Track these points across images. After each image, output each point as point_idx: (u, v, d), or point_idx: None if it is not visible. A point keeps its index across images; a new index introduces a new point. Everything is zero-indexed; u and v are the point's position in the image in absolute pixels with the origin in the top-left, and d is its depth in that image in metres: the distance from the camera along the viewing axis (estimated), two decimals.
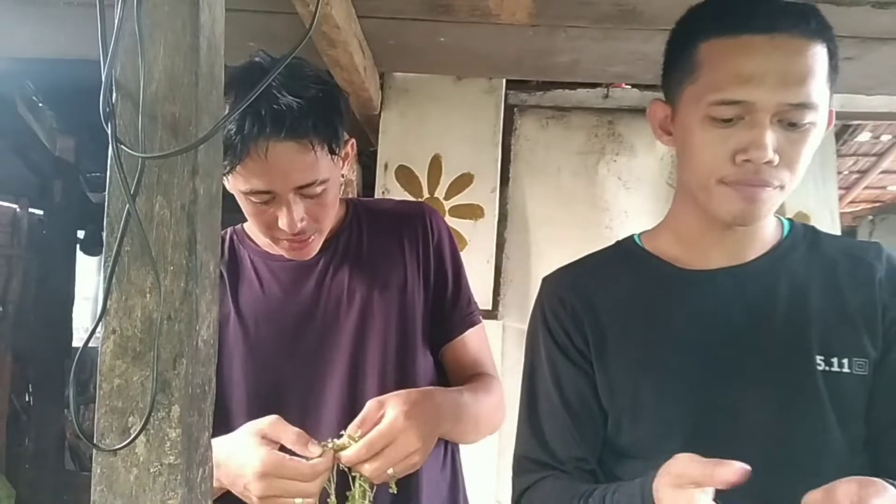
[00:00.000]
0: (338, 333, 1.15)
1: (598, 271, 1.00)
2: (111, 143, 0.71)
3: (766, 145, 0.79)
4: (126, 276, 0.71)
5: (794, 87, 0.79)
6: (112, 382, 0.71)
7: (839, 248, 0.92)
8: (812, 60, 0.79)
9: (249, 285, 1.18)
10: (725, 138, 0.82)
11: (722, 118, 0.81)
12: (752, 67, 0.79)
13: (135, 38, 0.72)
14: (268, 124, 0.98)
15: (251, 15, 1.85)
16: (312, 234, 1.10)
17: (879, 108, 2.85)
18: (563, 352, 0.96)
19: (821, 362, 0.85)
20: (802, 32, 0.80)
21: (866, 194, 6.03)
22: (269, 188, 1.02)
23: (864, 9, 1.71)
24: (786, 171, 0.82)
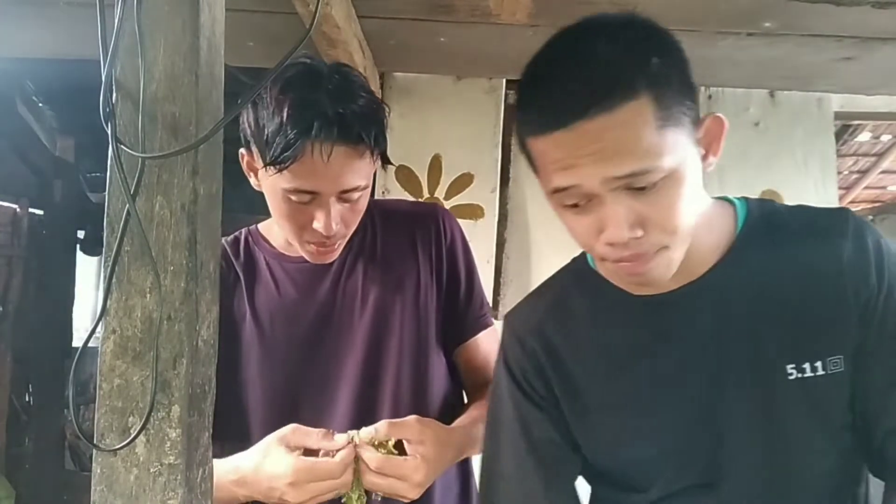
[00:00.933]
0: (353, 334, 1.16)
1: (556, 306, 0.94)
2: (111, 143, 0.71)
3: (618, 223, 0.73)
4: (126, 276, 0.71)
5: (614, 161, 0.71)
6: (112, 382, 0.71)
7: (802, 230, 0.84)
8: (625, 129, 0.71)
9: (265, 287, 1.19)
10: (584, 223, 0.77)
11: (568, 205, 0.77)
12: (563, 159, 0.74)
13: (135, 38, 0.72)
14: (335, 129, 0.99)
15: (251, 15, 1.85)
16: (340, 239, 1.11)
17: (879, 108, 2.85)
18: (528, 397, 0.92)
19: (792, 371, 0.80)
20: (605, 108, 0.71)
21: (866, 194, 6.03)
22: (315, 189, 1.03)
23: (864, 9, 1.72)
24: (660, 234, 0.75)
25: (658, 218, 0.74)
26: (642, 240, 0.74)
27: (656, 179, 0.72)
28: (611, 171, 0.72)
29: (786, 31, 1.92)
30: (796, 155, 2.74)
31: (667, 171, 0.72)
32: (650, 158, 0.71)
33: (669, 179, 0.73)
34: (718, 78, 2.50)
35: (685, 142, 0.75)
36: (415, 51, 2.27)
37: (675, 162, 0.73)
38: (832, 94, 2.72)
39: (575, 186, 0.74)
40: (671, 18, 0.94)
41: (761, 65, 2.22)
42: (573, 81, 0.73)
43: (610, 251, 0.76)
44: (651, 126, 0.71)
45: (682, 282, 0.84)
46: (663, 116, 0.72)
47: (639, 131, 0.71)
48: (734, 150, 2.72)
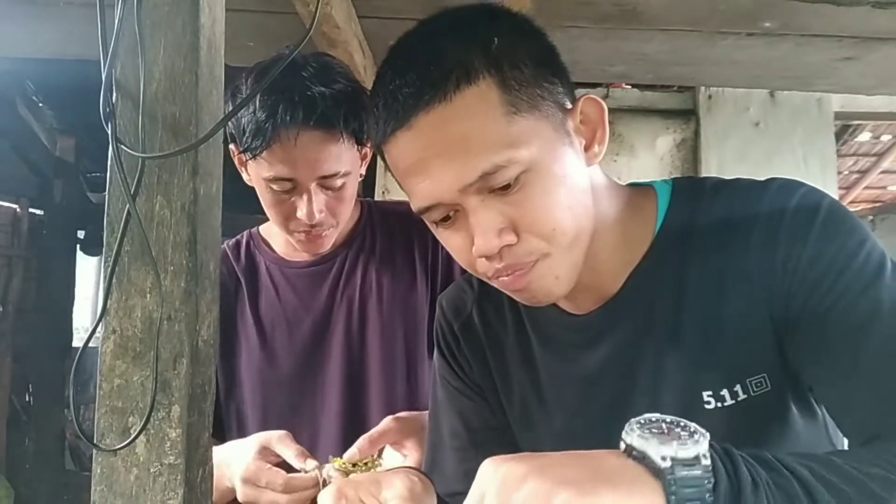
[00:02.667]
0: (348, 342, 1.17)
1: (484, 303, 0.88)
2: (111, 143, 0.71)
3: (485, 230, 0.65)
4: (126, 276, 0.71)
5: (461, 165, 0.64)
6: (112, 382, 0.71)
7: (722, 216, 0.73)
8: (466, 120, 0.64)
9: (266, 293, 1.20)
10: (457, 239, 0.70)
11: (435, 221, 0.71)
12: (411, 167, 0.68)
13: (135, 38, 0.72)
14: (300, 112, 0.99)
15: (251, 15, 1.85)
16: (328, 229, 1.11)
17: (879, 108, 2.86)
18: (463, 383, 0.89)
19: (709, 399, 0.71)
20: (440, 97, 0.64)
21: (866, 194, 6.03)
22: (293, 175, 1.03)
23: (864, 9, 1.72)
24: (534, 240, 0.67)
25: (529, 221, 0.66)
26: (516, 248, 0.67)
27: (515, 174, 0.64)
28: (463, 178, 0.64)
29: (786, 31, 1.92)
30: (796, 155, 2.74)
31: (527, 164, 0.64)
32: (501, 151, 0.64)
33: (533, 175, 0.65)
34: (718, 78, 2.50)
35: (548, 130, 0.67)
36: None
37: (535, 154, 0.65)
38: (832, 94, 2.72)
39: (435, 205, 0.68)
40: (671, 18, 0.94)
41: (761, 65, 2.22)
42: (409, 74, 0.66)
43: (486, 266, 0.69)
44: (497, 113, 0.64)
45: (601, 298, 0.77)
46: (512, 102, 0.65)
47: (483, 120, 0.64)
48: (734, 150, 2.72)
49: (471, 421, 0.89)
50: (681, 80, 2.57)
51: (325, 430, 1.14)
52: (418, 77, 0.65)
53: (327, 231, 1.11)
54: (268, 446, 1.00)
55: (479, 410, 0.89)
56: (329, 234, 1.12)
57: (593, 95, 0.71)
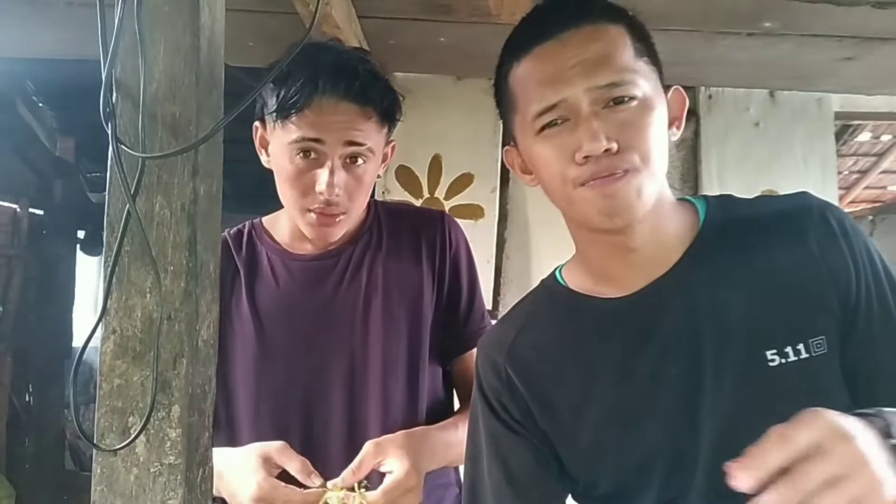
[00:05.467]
0: (350, 340, 1.15)
1: (528, 327, 0.93)
2: (111, 143, 0.71)
3: (595, 134, 0.77)
4: (126, 276, 0.71)
5: (597, 70, 0.78)
6: (112, 382, 0.71)
7: (765, 217, 0.84)
8: (607, 43, 0.79)
9: (266, 282, 1.18)
10: (560, 145, 0.80)
11: (546, 124, 0.81)
12: (550, 70, 0.80)
13: (135, 38, 0.72)
14: (342, 82, 1.04)
15: (251, 15, 1.85)
16: (342, 214, 1.10)
17: (879, 108, 2.85)
18: (505, 424, 0.91)
19: (774, 357, 0.78)
20: (590, 22, 0.80)
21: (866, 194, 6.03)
22: (321, 137, 1.04)
23: (864, 9, 1.72)
24: (632, 154, 0.78)
25: (630, 137, 0.78)
26: (614, 157, 0.77)
27: (627, 96, 0.78)
28: (595, 80, 0.77)
29: (786, 31, 1.92)
30: (796, 155, 2.74)
31: (642, 95, 0.79)
32: (630, 74, 0.78)
33: (644, 105, 0.79)
34: (718, 78, 2.50)
35: (656, 83, 0.81)
36: (415, 51, 2.27)
37: (648, 90, 0.79)
38: (832, 94, 2.72)
39: (560, 102, 0.79)
40: (671, 18, 0.94)
41: (761, 65, 2.22)
42: (562, 6, 0.82)
43: (583, 170, 0.79)
44: (630, 50, 0.80)
45: (648, 279, 0.84)
46: (639, 49, 0.81)
47: (620, 48, 0.79)
48: (734, 150, 2.72)
49: (509, 461, 0.90)
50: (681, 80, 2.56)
51: (319, 426, 1.13)
52: (570, 7, 0.81)
53: (341, 217, 1.10)
54: (269, 459, 1.00)
55: (518, 450, 0.90)
56: (342, 222, 1.11)
57: (680, 88, 0.86)
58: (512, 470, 0.90)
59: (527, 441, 0.89)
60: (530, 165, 0.87)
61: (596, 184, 0.79)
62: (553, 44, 0.80)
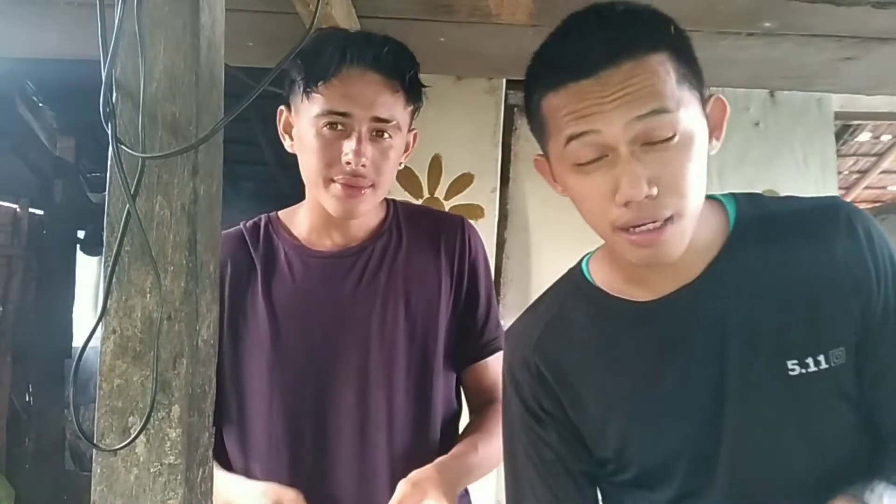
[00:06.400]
0: (365, 341, 1.14)
1: (555, 321, 0.94)
2: (111, 143, 0.71)
3: (635, 178, 0.73)
4: (126, 276, 0.71)
5: (636, 103, 0.74)
6: (112, 382, 0.71)
7: (794, 222, 0.84)
8: (648, 76, 0.75)
9: (282, 278, 1.16)
10: (599, 184, 0.77)
11: (581, 162, 0.78)
12: (585, 109, 0.76)
13: (135, 38, 0.72)
14: (369, 53, 1.05)
15: (251, 15, 1.85)
16: (368, 187, 1.08)
17: (879, 108, 2.86)
18: (535, 417, 0.92)
19: (794, 367, 0.79)
20: (630, 57, 0.75)
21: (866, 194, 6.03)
22: (348, 110, 1.04)
23: (864, 9, 1.71)
24: (673, 198, 0.75)
25: (672, 179, 0.75)
26: (655, 202, 0.75)
27: (675, 128, 0.74)
28: (633, 112, 0.74)
29: (786, 31, 1.92)
30: (796, 155, 2.74)
31: (682, 126, 0.75)
32: (671, 103, 0.74)
33: (684, 140, 0.75)
34: (718, 78, 2.50)
35: (697, 110, 0.78)
36: (415, 51, 2.27)
37: (689, 121, 0.76)
38: (832, 94, 2.72)
39: (593, 132, 0.76)
40: None
41: (761, 65, 2.22)
42: (599, 35, 0.77)
43: (623, 213, 0.76)
44: (672, 77, 0.76)
45: (680, 283, 0.84)
46: (682, 73, 0.77)
47: (662, 77, 0.75)
48: (734, 150, 2.72)
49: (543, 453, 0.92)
50: None
51: (331, 427, 1.12)
52: (610, 39, 0.76)
53: (366, 190, 1.08)
54: None
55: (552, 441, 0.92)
56: (367, 196, 1.09)
57: (722, 97, 0.83)
58: (546, 461, 0.92)
59: (558, 433, 0.92)
60: (565, 190, 0.86)
61: (636, 238, 0.77)
62: (590, 83, 0.75)
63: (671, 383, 0.84)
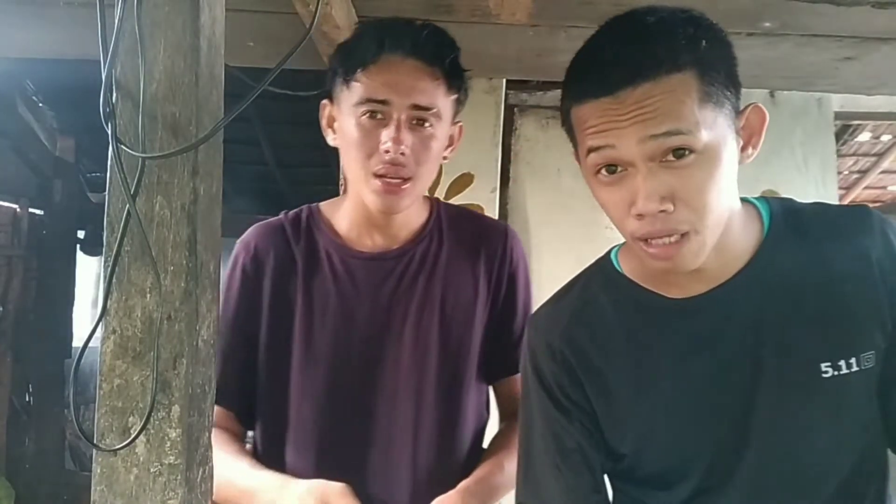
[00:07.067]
0: (396, 348, 1.12)
1: (584, 309, 0.93)
2: (111, 143, 0.71)
3: (650, 193, 0.75)
4: (126, 276, 0.71)
5: (653, 123, 0.74)
6: (112, 382, 0.71)
7: (827, 228, 0.86)
8: (668, 96, 0.75)
9: (322, 277, 1.14)
10: (617, 195, 0.79)
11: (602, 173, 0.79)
12: (604, 123, 0.77)
13: (135, 38, 0.72)
14: (407, 41, 1.04)
15: (251, 15, 1.85)
16: (408, 180, 1.06)
17: (879, 108, 2.85)
18: (557, 405, 0.91)
19: (827, 369, 0.80)
20: (652, 77, 0.75)
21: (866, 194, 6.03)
22: (386, 97, 1.03)
23: (864, 9, 1.71)
24: (689, 213, 0.76)
25: (688, 195, 0.75)
26: (671, 216, 0.76)
27: (693, 146, 0.74)
28: (648, 131, 0.74)
29: (786, 31, 1.92)
30: (796, 155, 2.74)
31: (703, 145, 0.75)
32: (688, 124, 0.74)
33: (704, 157, 0.75)
34: None
35: (724, 125, 0.78)
36: None
37: (712, 139, 0.75)
38: (832, 94, 2.72)
39: (609, 147, 0.77)
40: None
41: (761, 65, 2.22)
42: (623, 54, 0.77)
43: (639, 226, 0.78)
44: (693, 98, 0.75)
45: (712, 284, 0.85)
46: (706, 92, 0.76)
47: (680, 98, 0.75)
48: None
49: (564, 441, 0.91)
50: None
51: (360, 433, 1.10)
52: (631, 58, 0.76)
53: (406, 184, 1.06)
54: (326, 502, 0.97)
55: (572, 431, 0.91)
56: (407, 190, 1.06)
57: (760, 105, 0.84)
58: (566, 450, 0.91)
59: (580, 422, 0.91)
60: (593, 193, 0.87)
61: (653, 250, 0.78)
62: (609, 100, 0.76)
63: (700, 381, 0.85)
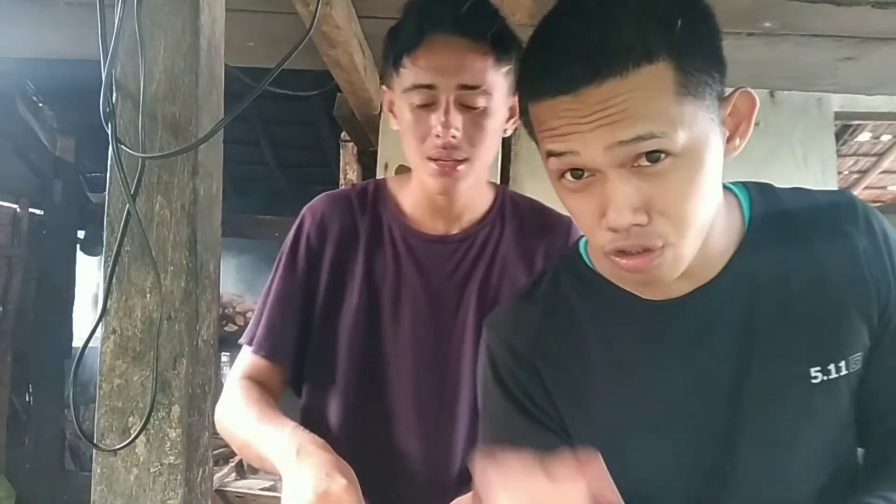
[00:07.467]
0: (451, 333, 1.11)
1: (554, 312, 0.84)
2: (111, 143, 0.71)
3: (621, 205, 0.65)
4: (126, 276, 0.71)
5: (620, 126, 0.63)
6: (112, 382, 0.71)
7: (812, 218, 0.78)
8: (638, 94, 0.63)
9: (383, 254, 1.13)
10: (584, 203, 0.69)
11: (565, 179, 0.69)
12: (562, 127, 0.66)
13: (135, 38, 0.72)
14: (448, 18, 1.00)
15: (251, 15, 1.85)
16: (462, 161, 1.04)
17: (879, 108, 2.85)
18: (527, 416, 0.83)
19: (817, 374, 0.75)
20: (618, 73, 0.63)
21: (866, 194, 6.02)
22: (432, 82, 1.01)
23: (864, 9, 1.72)
24: (665, 225, 0.66)
25: (666, 204, 0.65)
26: (646, 229, 0.66)
27: (667, 149, 0.63)
28: (615, 136, 0.63)
29: (786, 31, 1.92)
30: (796, 155, 2.74)
31: (680, 147, 0.64)
32: (662, 125, 0.63)
33: (682, 160, 0.65)
34: None
35: (706, 119, 0.66)
36: None
37: (691, 139, 0.64)
38: (832, 94, 2.72)
39: (571, 153, 0.66)
40: None
41: (761, 65, 2.22)
42: (583, 42, 0.64)
43: (610, 239, 0.68)
44: (668, 93, 0.63)
45: (694, 284, 0.77)
46: (684, 84, 0.64)
47: (653, 96, 0.63)
48: None
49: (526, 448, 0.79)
50: None
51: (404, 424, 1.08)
52: (593, 48, 0.63)
53: (462, 166, 1.04)
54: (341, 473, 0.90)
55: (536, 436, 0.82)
56: (463, 171, 1.04)
57: (750, 90, 0.71)
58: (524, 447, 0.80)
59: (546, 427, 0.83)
60: None
61: (625, 262, 0.69)
62: (568, 100, 0.64)
63: (682, 390, 0.78)
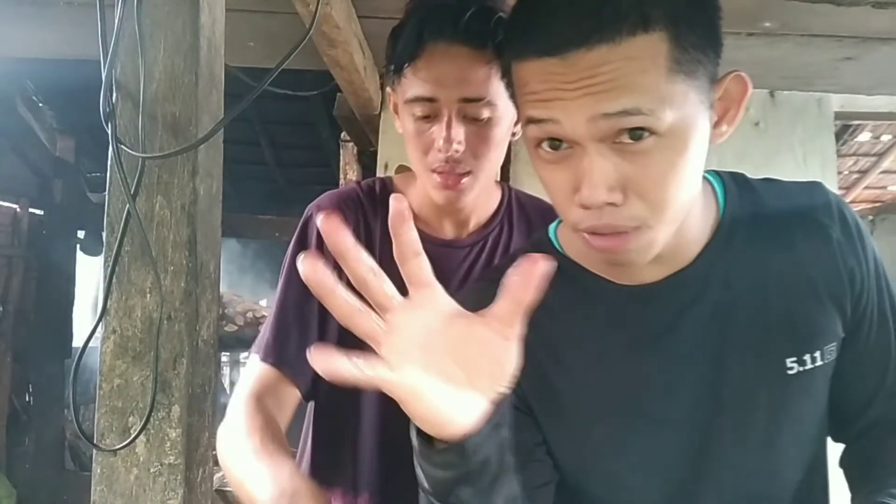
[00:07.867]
0: None
1: None
2: (111, 143, 0.71)
3: (596, 181, 0.61)
4: (126, 276, 0.72)
5: (606, 96, 0.59)
6: (112, 382, 0.71)
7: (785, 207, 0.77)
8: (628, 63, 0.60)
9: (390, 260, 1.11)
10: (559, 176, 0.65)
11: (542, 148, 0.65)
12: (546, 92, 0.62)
13: (135, 38, 0.72)
14: (448, 25, 0.96)
15: (251, 15, 1.85)
16: (467, 173, 1.01)
17: (879, 108, 2.85)
18: None
19: (793, 365, 0.73)
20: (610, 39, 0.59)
21: (866, 194, 6.02)
22: (433, 95, 0.97)
23: (864, 9, 1.71)
24: (641, 207, 0.63)
25: (644, 186, 0.62)
26: (620, 210, 0.63)
27: (652, 127, 0.60)
28: (600, 107, 0.60)
29: (786, 31, 1.92)
30: (796, 155, 2.74)
31: (666, 127, 0.61)
32: (650, 101, 0.60)
33: (667, 141, 0.62)
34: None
35: (695, 100, 0.63)
36: None
37: (678, 120, 0.61)
38: (832, 94, 2.72)
39: (552, 121, 0.63)
40: None
41: (761, 65, 2.22)
42: (577, 2, 0.61)
43: (582, 217, 0.65)
44: (660, 67, 0.60)
45: (667, 271, 0.74)
46: (677, 61, 0.61)
47: (645, 68, 0.60)
48: (734, 149, 2.72)
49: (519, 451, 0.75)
50: None
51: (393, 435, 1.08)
52: (587, 10, 0.60)
53: (466, 179, 1.01)
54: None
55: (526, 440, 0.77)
56: (467, 183, 1.02)
57: (743, 74, 0.69)
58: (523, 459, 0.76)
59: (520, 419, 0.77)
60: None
61: (596, 241, 0.66)
62: (555, 62, 0.61)
63: (655, 379, 0.75)
